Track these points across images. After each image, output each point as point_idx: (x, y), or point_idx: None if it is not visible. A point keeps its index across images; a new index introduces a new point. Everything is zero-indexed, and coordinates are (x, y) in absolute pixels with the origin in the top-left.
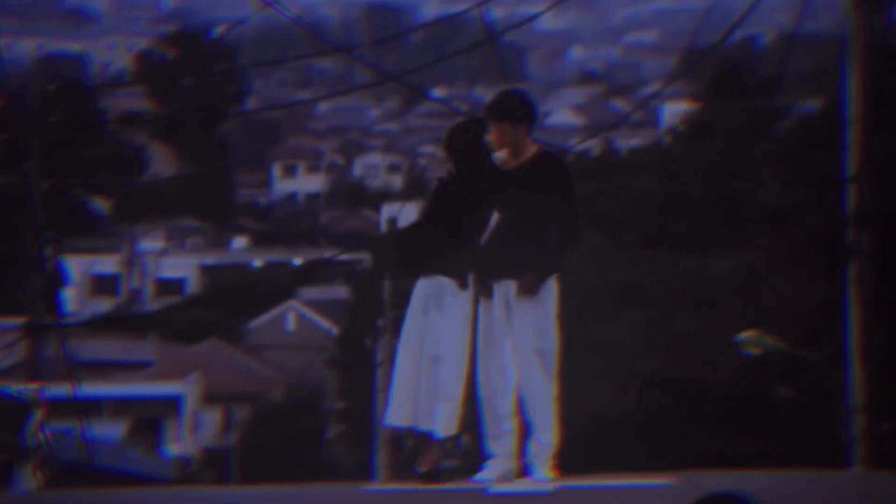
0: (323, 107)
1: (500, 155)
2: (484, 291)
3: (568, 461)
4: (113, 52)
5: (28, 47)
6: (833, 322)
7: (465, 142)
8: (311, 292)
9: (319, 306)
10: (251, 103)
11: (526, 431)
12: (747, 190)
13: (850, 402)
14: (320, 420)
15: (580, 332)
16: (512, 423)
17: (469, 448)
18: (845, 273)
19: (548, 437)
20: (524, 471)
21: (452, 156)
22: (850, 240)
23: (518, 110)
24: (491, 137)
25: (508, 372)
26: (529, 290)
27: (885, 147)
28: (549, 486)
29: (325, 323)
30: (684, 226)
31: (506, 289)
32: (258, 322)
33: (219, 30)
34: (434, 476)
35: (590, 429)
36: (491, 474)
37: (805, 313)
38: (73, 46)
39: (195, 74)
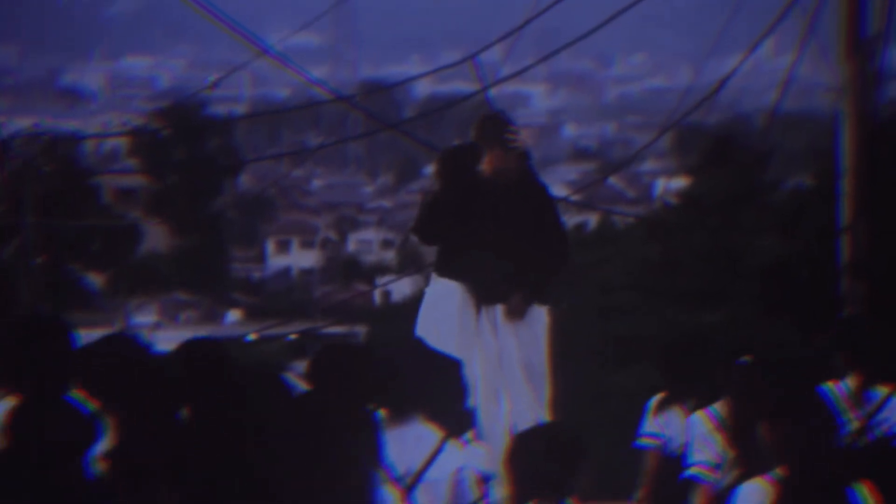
0: (317, 183)
1: (488, 177)
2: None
3: None
4: (107, 130)
5: (24, 125)
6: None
7: (459, 166)
8: (305, 365)
9: None
10: (245, 180)
11: None
12: (740, 247)
13: None
14: None
15: (583, 384)
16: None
17: None
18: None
19: None
20: None
21: (445, 179)
22: (844, 290)
23: (505, 134)
24: (485, 163)
25: (500, 398)
26: (516, 312)
27: (879, 198)
28: None
29: None
30: (678, 283)
31: (493, 312)
32: None
33: (212, 79)
34: None
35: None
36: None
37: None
38: (69, 124)
39: (189, 149)
